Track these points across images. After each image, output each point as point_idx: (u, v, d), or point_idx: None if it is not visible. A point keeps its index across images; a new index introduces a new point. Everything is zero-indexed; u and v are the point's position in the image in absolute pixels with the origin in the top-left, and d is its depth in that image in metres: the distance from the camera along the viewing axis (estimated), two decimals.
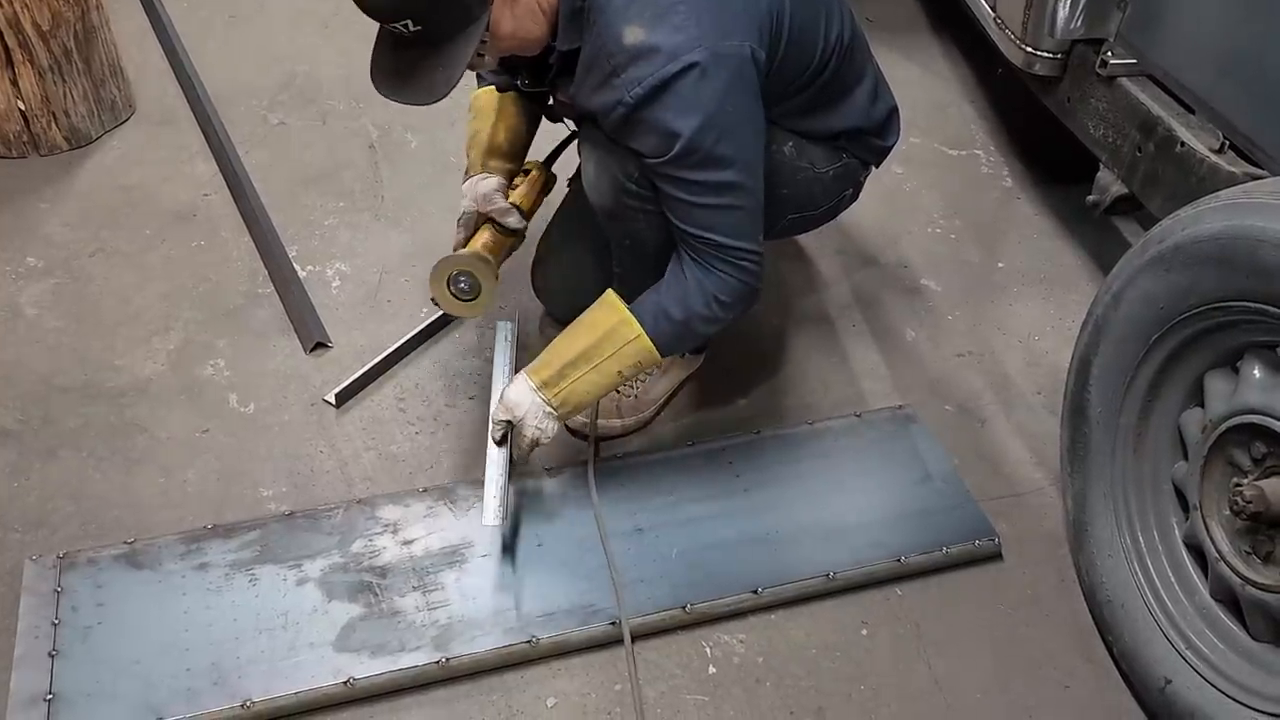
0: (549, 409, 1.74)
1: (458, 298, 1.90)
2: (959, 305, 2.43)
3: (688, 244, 1.69)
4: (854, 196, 2.04)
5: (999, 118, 3.06)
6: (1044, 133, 2.63)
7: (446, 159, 2.73)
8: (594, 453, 1.95)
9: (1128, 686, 1.71)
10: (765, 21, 1.63)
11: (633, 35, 1.55)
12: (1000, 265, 2.56)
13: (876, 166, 2.03)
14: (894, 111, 1.98)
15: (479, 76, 1.99)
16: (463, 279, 1.88)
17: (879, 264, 2.54)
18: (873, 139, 1.96)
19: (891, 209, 2.69)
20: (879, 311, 2.40)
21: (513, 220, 1.93)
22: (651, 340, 1.72)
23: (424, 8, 1.49)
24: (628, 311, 1.72)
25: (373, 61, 1.59)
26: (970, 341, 2.34)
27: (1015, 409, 2.19)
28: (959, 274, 2.52)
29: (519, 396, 1.74)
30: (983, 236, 2.64)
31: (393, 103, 1.60)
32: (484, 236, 1.94)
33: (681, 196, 1.65)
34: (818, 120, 1.87)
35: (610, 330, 1.72)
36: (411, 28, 1.50)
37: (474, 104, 2.00)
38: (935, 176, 2.82)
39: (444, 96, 1.56)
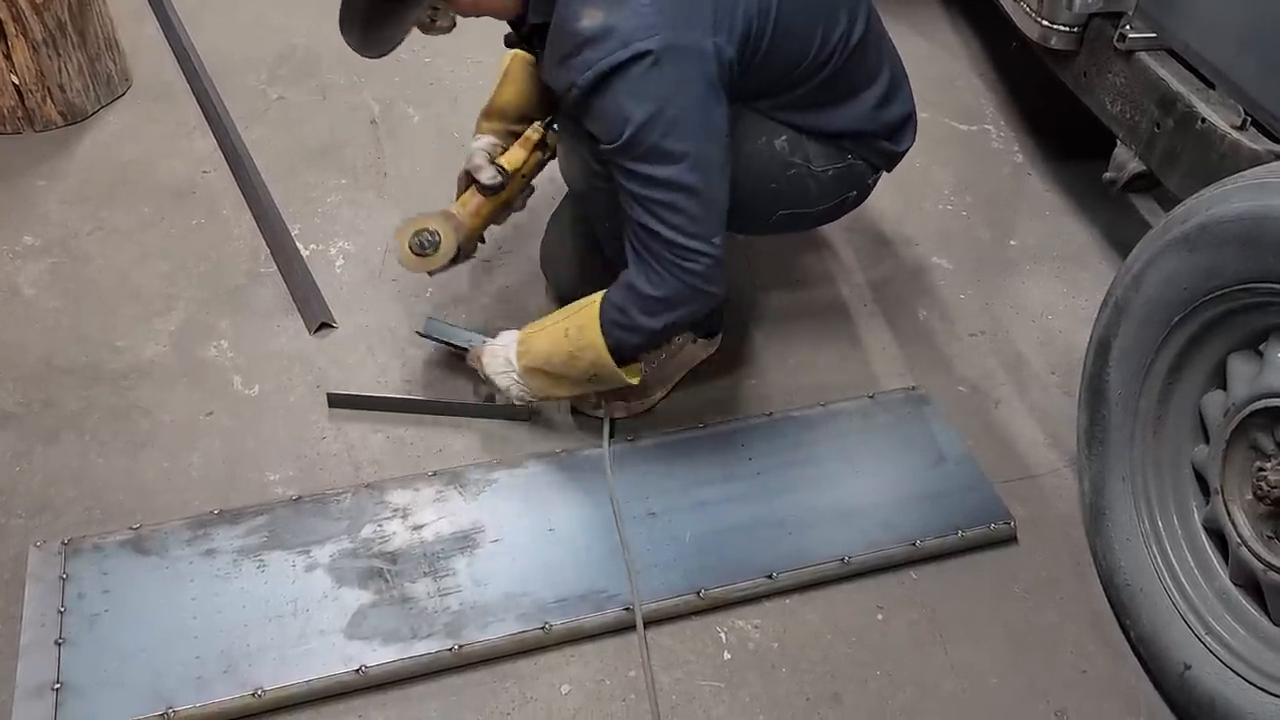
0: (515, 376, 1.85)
1: (415, 252, 1.95)
2: (971, 284, 2.40)
3: (634, 235, 1.67)
4: (859, 199, 1.99)
5: (1009, 92, 3.01)
6: (1055, 107, 2.59)
7: (450, 134, 2.69)
8: (609, 434, 1.93)
9: (1145, 671, 1.70)
10: (738, 17, 1.60)
11: (591, 18, 1.54)
12: (1012, 243, 2.53)
13: (888, 171, 1.98)
14: (910, 116, 1.93)
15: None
16: (422, 235, 1.94)
17: (889, 242, 2.50)
18: (881, 142, 1.90)
19: (901, 185, 2.64)
20: (890, 290, 2.37)
21: (484, 176, 1.94)
22: (609, 349, 1.73)
23: None
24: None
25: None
26: (983, 321, 2.32)
27: (1029, 389, 2.16)
28: (970, 252, 2.49)
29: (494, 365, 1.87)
30: (994, 213, 2.61)
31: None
32: (463, 194, 1.99)
33: (627, 186, 1.63)
34: (814, 117, 1.82)
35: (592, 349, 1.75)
36: None
37: (501, 64, 2.02)
38: (945, 152, 2.78)
39: (377, 55, 1.64)
